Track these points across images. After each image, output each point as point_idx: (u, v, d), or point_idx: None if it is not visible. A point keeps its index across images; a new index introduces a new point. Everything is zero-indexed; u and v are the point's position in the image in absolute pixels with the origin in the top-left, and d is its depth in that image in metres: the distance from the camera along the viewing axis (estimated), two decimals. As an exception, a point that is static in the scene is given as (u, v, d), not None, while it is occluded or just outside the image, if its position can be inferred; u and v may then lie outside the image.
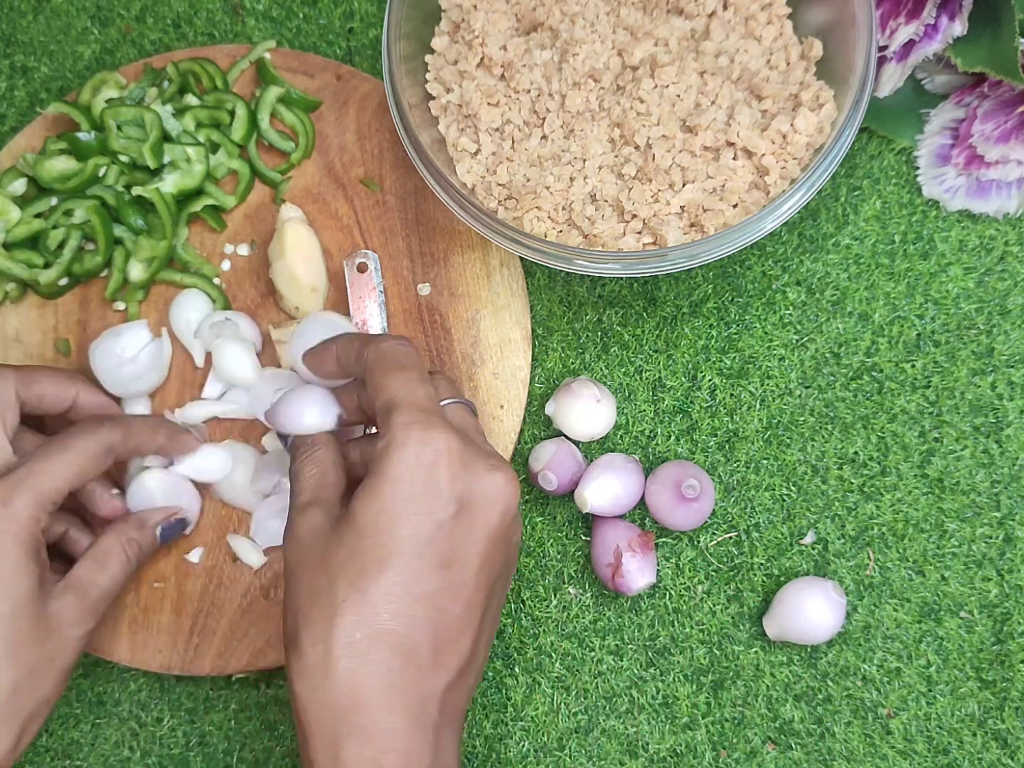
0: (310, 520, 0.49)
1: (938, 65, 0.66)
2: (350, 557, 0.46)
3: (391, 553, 0.46)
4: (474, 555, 0.48)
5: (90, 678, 0.63)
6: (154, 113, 0.66)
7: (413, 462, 0.47)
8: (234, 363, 0.62)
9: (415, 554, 0.46)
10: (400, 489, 0.46)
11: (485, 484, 0.48)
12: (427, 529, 0.46)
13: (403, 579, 0.46)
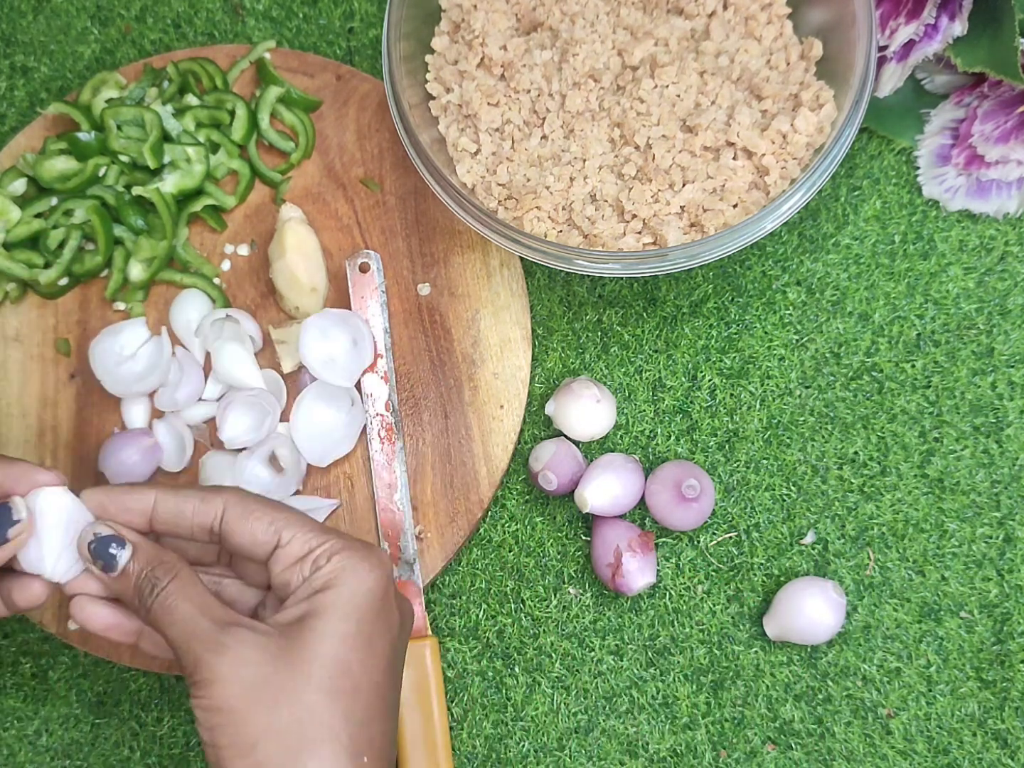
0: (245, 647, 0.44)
1: (938, 65, 0.66)
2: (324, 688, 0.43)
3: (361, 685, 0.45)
4: (399, 675, 0.49)
5: (90, 678, 0.63)
6: (154, 113, 0.66)
7: (376, 577, 0.46)
8: (233, 364, 0.62)
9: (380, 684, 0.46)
10: (368, 606, 0.45)
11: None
12: (390, 646, 0.47)
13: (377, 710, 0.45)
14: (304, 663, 0.44)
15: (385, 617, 0.47)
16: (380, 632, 0.46)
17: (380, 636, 0.46)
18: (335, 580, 0.46)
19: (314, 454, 0.62)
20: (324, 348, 0.62)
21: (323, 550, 0.46)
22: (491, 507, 0.64)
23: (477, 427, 0.63)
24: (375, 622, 0.46)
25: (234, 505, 0.47)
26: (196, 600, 0.45)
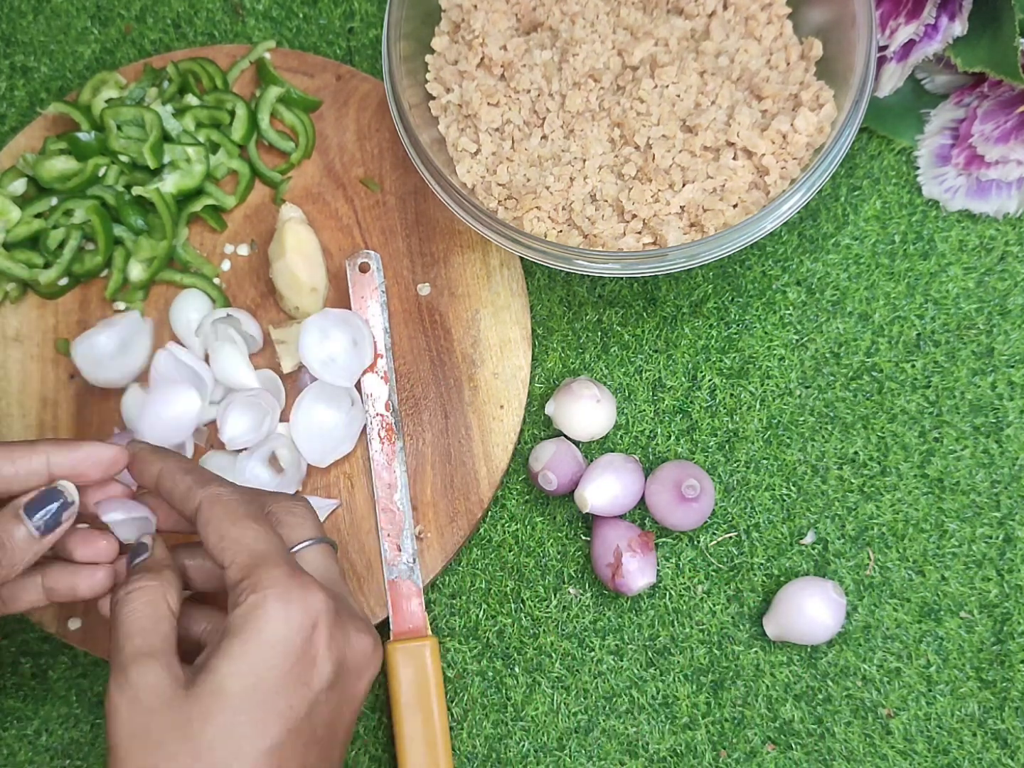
0: (152, 678, 0.42)
1: (938, 65, 0.66)
2: (221, 735, 0.40)
3: (266, 731, 0.41)
4: (342, 728, 0.45)
5: (90, 678, 0.63)
6: (154, 113, 0.66)
7: (295, 625, 0.42)
8: (229, 365, 0.62)
9: (291, 731, 0.42)
10: (279, 656, 0.42)
11: (357, 650, 0.45)
12: (305, 702, 0.42)
13: (278, 762, 0.41)
14: (189, 718, 0.41)
15: (300, 672, 0.42)
16: (287, 689, 0.42)
17: (286, 694, 0.42)
18: (244, 623, 0.42)
19: (314, 454, 0.62)
20: (324, 348, 0.62)
21: (247, 583, 0.43)
22: (491, 507, 0.64)
23: (477, 427, 0.63)
24: (281, 678, 0.42)
25: (205, 508, 0.46)
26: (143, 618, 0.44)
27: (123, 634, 0.43)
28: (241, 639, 0.42)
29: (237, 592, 0.43)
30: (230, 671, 0.41)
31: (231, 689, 0.41)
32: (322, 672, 0.43)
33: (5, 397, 0.65)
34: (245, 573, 0.43)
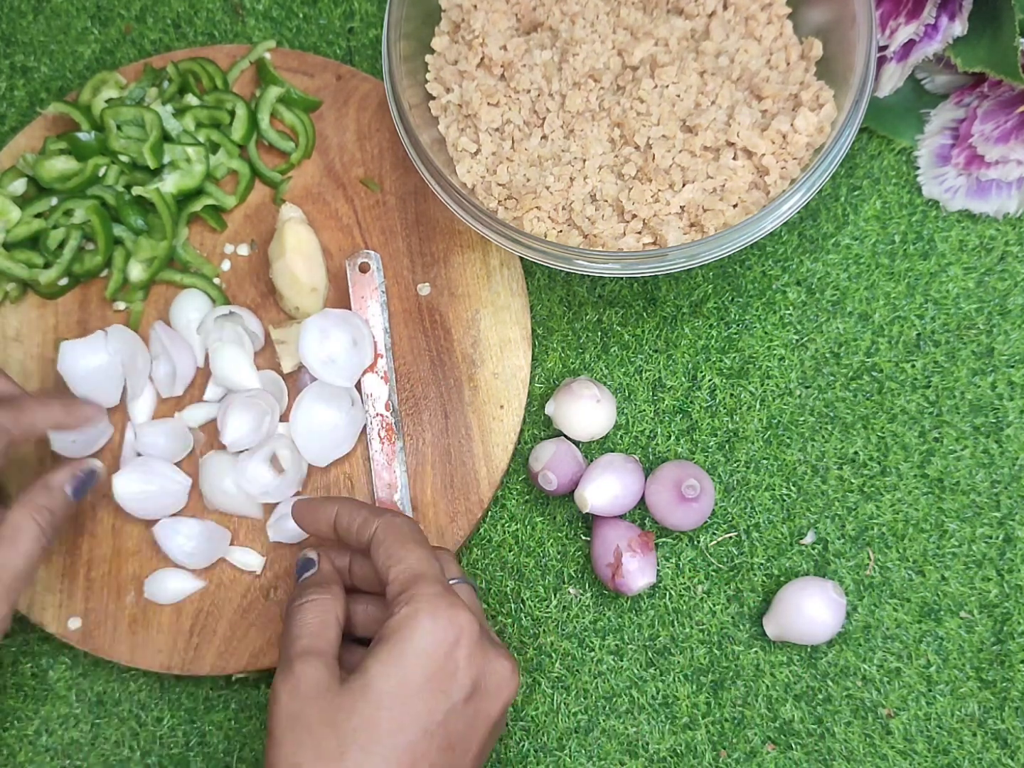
0: (312, 671, 0.48)
1: (938, 65, 0.66)
2: (364, 725, 0.46)
3: (404, 728, 0.46)
4: (475, 742, 0.48)
5: (90, 678, 0.63)
6: (154, 113, 0.66)
7: (440, 637, 0.47)
8: (230, 365, 0.62)
9: (426, 732, 0.46)
10: (422, 664, 0.46)
11: (496, 671, 0.49)
12: (442, 709, 0.47)
13: (410, 758, 0.46)
14: (339, 709, 0.46)
15: (440, 681, 0.47)
16: (429, 694, 0.46)
17: (426, 698, 0.46)
18: (396, 632, 0.47)
19: (314, 454, 0.62)
20: (324, 348, 0.62)
21: (404, 596, 0.48)
22: (491, 507, 0.64)
23: (477, 427, 0.63)
24: (423, 683, 0.46)
25: (380, 531, 0.51)
26: (312, 624, 0.49)
27: (294, 636, 0.49)
28: (390, 645, 0.47)
29: (395, 604, 0.48)
30: (377, 671, 0.46)
31: (376, 687, 0.46)
32: (460, 684, 0.47)
33: (5, 397, 0.65)
34: (404, 587, 0.48)
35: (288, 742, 0.46)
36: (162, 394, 0.64)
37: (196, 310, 0.65)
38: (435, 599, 0.47)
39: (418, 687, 0.46)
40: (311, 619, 0.50)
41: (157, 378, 0.64)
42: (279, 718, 0.47)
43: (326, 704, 0.46)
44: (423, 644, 0.47)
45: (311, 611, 0.50)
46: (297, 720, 0.46)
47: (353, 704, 0.46)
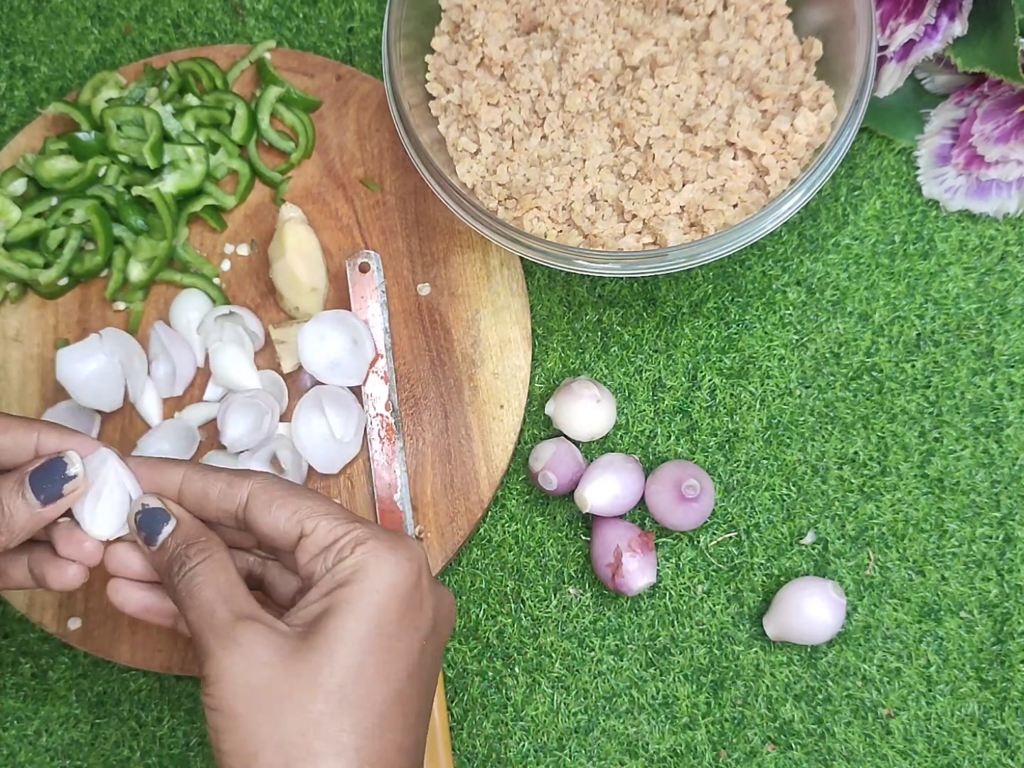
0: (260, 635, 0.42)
1: (938, 65, 0.66)
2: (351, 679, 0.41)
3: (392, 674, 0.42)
4: (437, 675, 0.46)
5: (90, 678, 0.63)
6: (154, 113, 0.66)
7: (405, 569, 0.43)
8: (230, 365, 0.62)
9: (412, 675, 0.43)
10: (392, 600, 0.43)
11: (445, 600, 0.47)
12: (418, 646, 0.44)
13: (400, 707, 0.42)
14: (314, 668, 0.41)
15: (412, 616, 0.44)
16: (404, 633, 0.43)
17: (404, 638, 0.43)
18: (356, 574, 0.43)
19: (323, 463, 0.62)
20: (326, 352, 0.62)
21: (348, 539, 0.44)
22: (491, 507, 0.64)
23: (477, 427, 0.63)
24: (399, 622, 0.43)
25: (259, 492, 0.45)
26: (221, 587, 0.44)
27: (207, 607, 0.43)
28: (356, 588, 0.42)
29: (335, 550, 0.43)
30: (350, 619, 0.42)
31: (354, 635, 0.42)
32: (427, 616, 0.44)
33: (5, 397, 0.65)
34: (344, 530, 0.44)
35: (256, 720, 0.41)
36: (162, 394, 0.64)
37: (196, 310, 0.65)
38: (385, 534, 0.44)
39: (395, 626, 0.43)
40: (216, 580, 0.44)
41: (157, 378, 0.64)
42: (236, 697, 0.41)
43: (298, 664, 0.41)
44: (391, 580, 0.43)
45: (211, 572, 0.44)
46: (262, 693, 0.41)
47: (331, 660, 0.41)
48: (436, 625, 0.45)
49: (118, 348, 0.63)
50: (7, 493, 0.45)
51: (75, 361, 0.62)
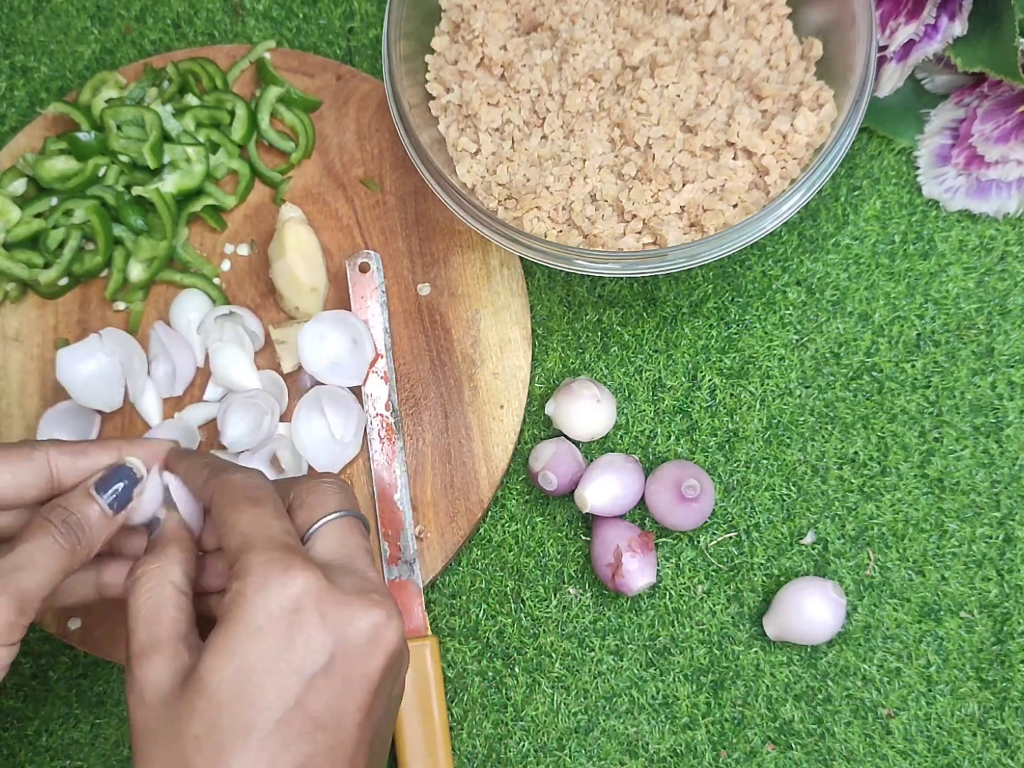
0: (153, 673, 0.41)
1: (938, 65, 0.66)
2: (206, 732, 0.39)
3: (253, 724, 0.39)
4: (353, 711, 0.41)
5: (90, 678, 0.63)
6: (154, 113, 0.66)
7: (273, 608, 0.40)
8: (230, 365, 0.62)
9: (282, 722, 0.40)
10: (259, 643, 0.40)
11: (361, 626, 0.42)
12: (294, 689, 0.40)
13: (268, 756, 0.39)
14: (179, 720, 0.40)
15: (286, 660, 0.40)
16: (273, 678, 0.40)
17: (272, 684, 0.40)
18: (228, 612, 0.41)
19: (323, 463, 0.62)
20: (326, 353, 0.62)
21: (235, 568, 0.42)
22: (491, 507, 0.64)
23: (477, 427, 0.63)
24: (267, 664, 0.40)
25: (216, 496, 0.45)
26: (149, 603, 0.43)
27: (131, 628, 0.43)
28: (223, 630, 0.40)
29: (229, 581, 0.42)
30: (210, 665, 0.40)
31: (211, 683, 0.40)
32: (314, 656, 0.41)
33: (5, 397, 0.65)
34: (233, 559, 0.42)
35: (144, 758, 0.40)
36: (162, 394, 0.64)
37: (196, 310, 0.65)
38: (265, 567, 0.41)
39: (261, 672, 0.40)
40: (143, 602, 0.43)
41: (157, 378, 0.64)
42: (133, 732, 0.41)
43: (168, 711, 0.40)
44: (256, 622, 0.40)
45: (143, 590, 0.43)
46: (148, 732, 0.40)
47: (192, 708, 0.40)
48: (338, 660, 0.41)
49: (118, 348, 0.63)
50: (78, 505, 0.46)
51: (75, 361, 0.62)
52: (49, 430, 0.63)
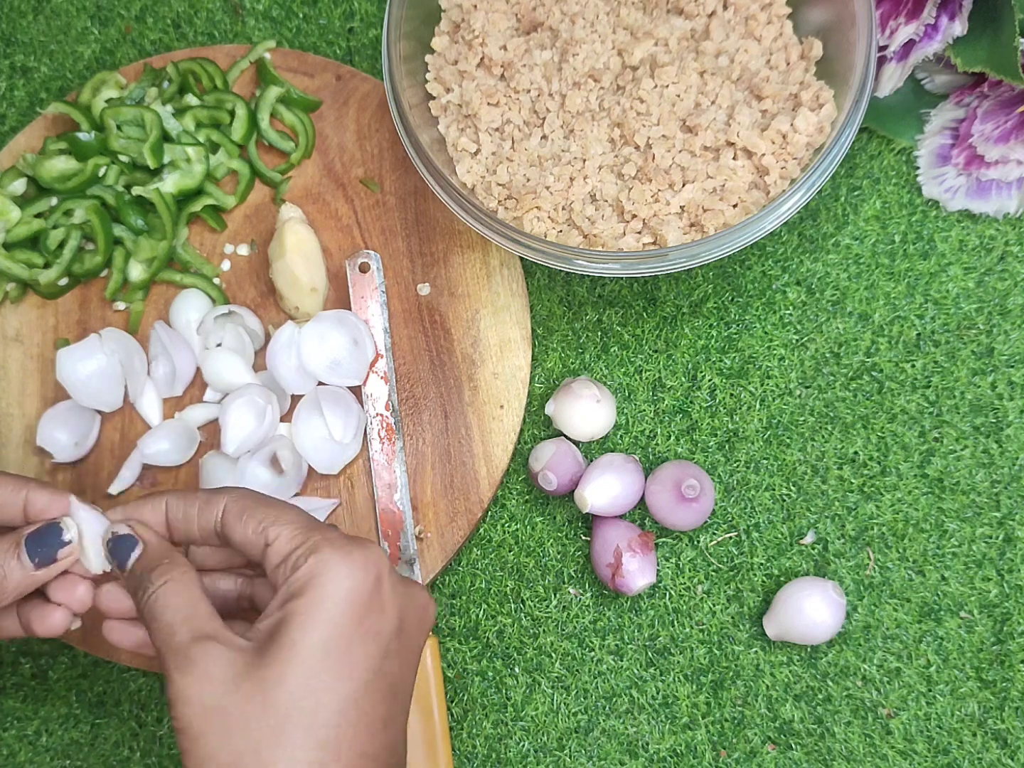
0: (215, 654, 0.42)
1: (938, 65, 0.66)
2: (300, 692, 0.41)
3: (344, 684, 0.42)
4: (408, 680, 0.45)
5: (90, 678, 0.63)
6: (154, 113, 0.66)
7: (360, 577, 0.43)
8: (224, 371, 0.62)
9: (370, 683, 0.42)
10: (349, 608, 0.42)
11: (416, 601, 0.46)
12: (377, 654, 0.43)
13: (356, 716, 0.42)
14: (265, 683, 0.41)
15: (370, 622, 0.43)
16: (360, 640, 0.43)
17: (360, 645, 0.43)
18: (309, 584, 0.43)
19: (323, 463, 0.62)
20: (326, 353, 0.62)
21: (303, 548, 0.44)
22: (491, 507, 0.64)
23: (477, 427, 0.63)
24: (354, 630, 0.42)
25: (232, 504, 0.46)
26: (181, 608, 0.44)
27: (168, 628, 0.43)
28: (308, 598, 0.42)
29: (292, 560, 0.43)
30: (301, 630, 0.42)
31: (305, 646, 0.41)
32: (390, 622, 0.44)
33: (5, 397, 0.65)
34: (299, 540, 0.44)
35: (212, 739, 0.41)
36: (162, 394, 0.64)
37: (196, 310, 0.65)
38: (341, 541, 0.44)
39: (350, 636, 0.42)
40: (176, 602, 0.44)
41: (157, 378, 0.64)
42: (193, 716, 0.41)
43: (250, 683, 0.41)
44: (345, 587, 0.42)
45: (171, 594, 0.44)
46: (217, 712, 0.41)
47: (283, 673, 0.41)
48: (403, 627, 0.45)
49: (118, 348, 0.63)
50: (2, 555, 0.46)
51: (75, 361, 0.62)
52: (49, 430, 0.63)
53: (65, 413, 0.63)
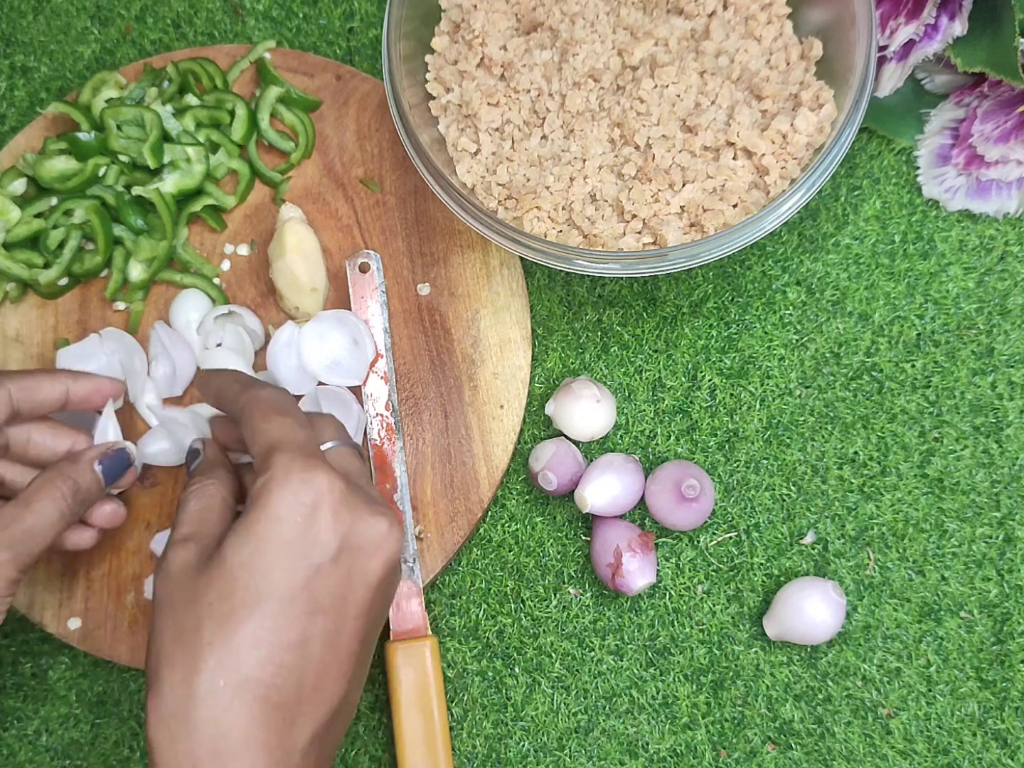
0: (183, 555, 0.47)
1: (938, 65, 0.66)
2: (219, 599, 0.44)
3: (261, 597, 0.44)
4: (351, 603, 0.46)
5: (90, 678, 0.63)
6: (154, 113, 0.66)
7: (292, 501, 0.45)
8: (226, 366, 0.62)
9: (287, 599, 0.44)
10: (277, 530, 0.45)
11: (369, 529, 0.47)
12: (302, 573, 0.45)
13: (272, 624, 0.44)
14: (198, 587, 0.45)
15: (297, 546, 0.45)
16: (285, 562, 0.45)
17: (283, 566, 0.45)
18: (253, 501, 0.45)
19: None
20: (326, 353, 0.62)
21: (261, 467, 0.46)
22: (491, 507, 0.64)
23: (477, 427, 0.63)
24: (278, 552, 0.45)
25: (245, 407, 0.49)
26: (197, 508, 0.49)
27: (175, 525, 0.48)
28: (246, 518, 0.45)
29: (255, 477, 0.46)
30: (231, 544, 0.45)
31: (230, 559, 0.45)
32: (324, 546, 0.45)
33: (5, 397, 0.65)
34: (261, 459, 0.47)
35: (157, 627, 0.45)
36: (162, 394, 0.64)
37: (196, 310, 0.65)
38: (289, 465, 0.45)
39: (273, 554, 0.44)
40: (192, 507, 0.49)
41: (157, 378, 0.64)
42: (153, 607, 0.46)
43: (189, 583, 0.45)
44: (275, 511, 0.45)
45: (193, 499, 0.49)
46: (165, 603, 0.46)
47: (210, 579, 0.45)
48: (344, 554, 0.46)
49: (118, 348, 0.63)
50: (85, 477, 0.54)
51: (75, 361, 0.62)
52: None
53: (64, 413, 0.63)
